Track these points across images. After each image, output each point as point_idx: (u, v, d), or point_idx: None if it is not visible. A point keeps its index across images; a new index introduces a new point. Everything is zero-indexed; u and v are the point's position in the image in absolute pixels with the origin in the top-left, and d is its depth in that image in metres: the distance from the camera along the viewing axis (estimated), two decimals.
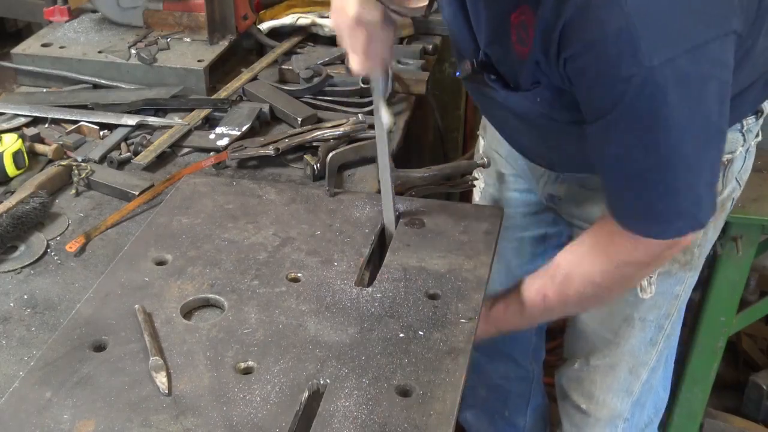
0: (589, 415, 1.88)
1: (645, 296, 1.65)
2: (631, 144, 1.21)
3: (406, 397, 1.14)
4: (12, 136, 1.74)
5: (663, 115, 1.15)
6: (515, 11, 1.22)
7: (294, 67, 2.09)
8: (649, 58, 1.10)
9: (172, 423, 1.10)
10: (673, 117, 1.15)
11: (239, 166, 1.77)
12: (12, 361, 1.27)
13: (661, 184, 1.23)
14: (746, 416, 2.67)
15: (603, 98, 1.17)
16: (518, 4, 1.22)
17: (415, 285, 1.36)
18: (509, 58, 1.30)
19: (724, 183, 1.55)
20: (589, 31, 1.12)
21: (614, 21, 1.09)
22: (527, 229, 1.87)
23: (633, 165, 1.23)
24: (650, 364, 1.79)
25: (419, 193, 1.64)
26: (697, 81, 1.14)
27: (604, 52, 1.12)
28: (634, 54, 1.10)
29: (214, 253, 1.43)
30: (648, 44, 1.09)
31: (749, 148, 1.56)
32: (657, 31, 1.10)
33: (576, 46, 1.14)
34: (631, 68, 1.11)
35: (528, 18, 1.20)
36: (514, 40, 1.25)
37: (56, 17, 2.27)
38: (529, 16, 1.19)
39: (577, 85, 1.21)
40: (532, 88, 1.28)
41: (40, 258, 1.50)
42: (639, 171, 1.23)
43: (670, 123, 1.16)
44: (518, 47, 1.25)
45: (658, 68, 1.10)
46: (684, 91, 1.14)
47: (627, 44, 1.10)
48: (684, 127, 1.17)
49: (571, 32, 1.14)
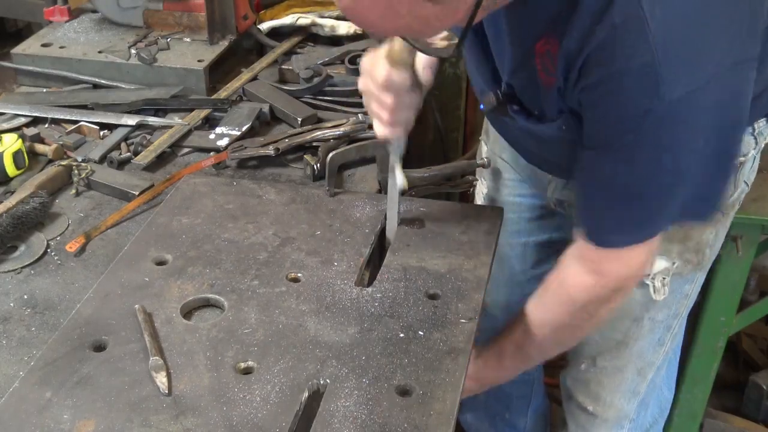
0: (595, 416, 1.88)
1: (658, 298, 1.65)
2: (633, 170, 1.21)
3: (406, 397, 1.14)
4: (12, 136, 1.74)
5: (672, 144, 1.16)
6: (540, 41, 1.22)
7: (294, 67, 2.09)
8: (669, 92, 1.10)
9: (172, 423, 1.10)
10: (681, 145, 1.16)
11: (239, 166, 1.77)
12: (12, 361, 1.27)
13: (653, 199, 1.25)
14: (746, 416, 2.67)
15: (616, 128, 1.18)
16: (543, 34, 1.21)
17: (415, 285, 1.36)
18: (533, 88, 1.29)
19: (735, 185, 1.55)
20: (613, 63, 1.12)
21: (640, 56, 1.09)
22: (532, 234, 1.87)
23: (629, 187, 1.24)
24: (656, 364, 1.79)
25: (419, 193, 1.64)
26: (707, 110, 1.15)
27: (625, 85, 1.12)
28: (656, 89, 1.10)
29: (214, 253, 1.43)
30: (670, 80, 1.09)
31: (759, 151, 1.56)
32: (679, 67, 1.10)
33: (597, 75, 1.14)
34: (651, 102, 1.11)
35: (553, 48, 1.19)
36: (539, 69, 1.24)
37: (56, 17, 2.27)
38: (554, 46, 1.19)
39: (589, 112, 1.20)
40: (557, 118, 1.28)
41: (40, 258, 1.50)
42: (633, 191, 1.24)
43: (676, 151, 1.17)
44: (543, 76, 1.25)
45: (677, 103, 1.11)
46: (694, 121, 1.14)
47: (650, 79, 1.09)
48: (689, 153, 1.18)
49: (594, 62, 1.13)
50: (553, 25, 1.17)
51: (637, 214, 1.28)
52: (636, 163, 1.21)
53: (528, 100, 1.34)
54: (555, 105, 1.27)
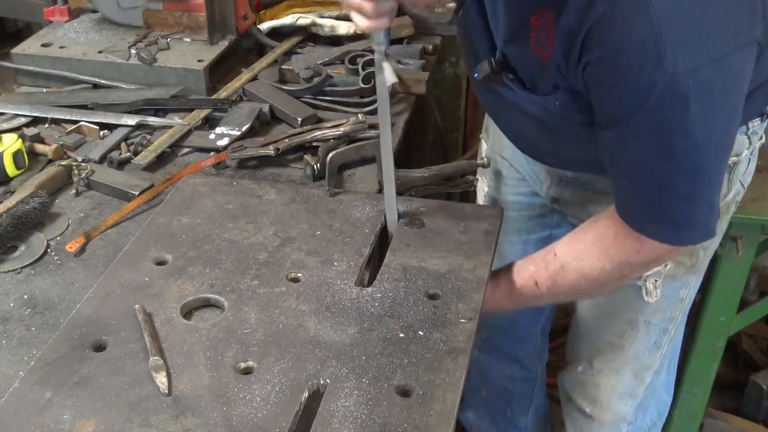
0: (593, 419, 1.88)
1: (651, 300, 1.65)
2: (649, 150, 1.20)
3: (406, 397, 1.14)
4: (12, 136, 1.74)
5: (683, 124, 1.15)
6: (535, 14, 1.22)
7: (294, 67, 2.09)
8: (673, 65, 1.09)
9: (172, 423, 1.10)
10: (693, 126, 1.15)
11: (239, 166, 1.77)
12: (12, 361, 1.27)
13: (675, 191, 1.23)
14: (746, 416, 2.67)
15: (623, 104, 1.17)
16: (538, 7, 1.21)
17: (415, 285, 1.36)
18: (527, 59, 1.29)
19: (729, 186, 1.55)
20: (614, 37, 1.11)
21: (641, 28, 1.08)
22: (532, 231, 1.87)
23: (649, 170, 1.23)
24: (654, 367, 1.79)
25: (419, 193, 1.64)
26: (719, 92, 1.14)
27: (627, 59, 1.12)
28: (659, 61, 1.09)
29: (214, 253, 1.43)
30: (673, 52, 1.09)
31: (753, 151, 1.56)
32: (682, 40, 1.09)
33: (599, 51, 1.14)
34: (654, 75, 1.10)
35: (548, 22, 1.19)
36: (533, 42, 1.24)
37: (56, 17, 2.27)
38: (549, 20, 1.19)
39: (595, 90, 1.20)
40: (552, 92, 1.27)
41: (40, 258, 1.50)
42: (655, 176, 1.23)
43: (689, 132, 1.16)
44: (537, 50, 1.24)
45: (681, 76, 1.10)
46: (706, 101, 1.13)
47: (652, 51, 1.09)
48: (703, 137, 1.17)
49: (595, 37, 1.13)
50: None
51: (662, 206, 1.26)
52: (648, 145, 1.19)
53: (522, 70, 1.33)
54: (551, 80, 1.26)
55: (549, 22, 1.18)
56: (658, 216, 1.29)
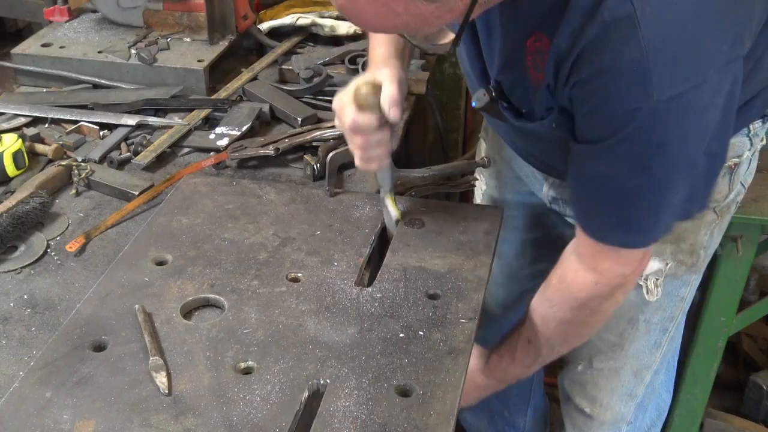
0: (592, 419, 1.88)
1: (651, 299, 1.65)
2: (624, 166, 1.21)
3: (406, 397, 1.14)
4: (12, 136, 1.73)
5: (661, 143, 1.16)
6: (531, 37, 1.22)
7: (294, 67, 2.09)
8: (658, 92, 1.10)
9: (172, 423, 1.10)
10: (670, 144, 1.17)
11: (239, 166, 1.77)
12: (12, 361, 1.27)
13: (645, 202, 1.25)
14: (746, 416, 2.67)
15: (604, 125, 1.18)
16: (535, 31, 1.21)
17: (415, 285, 1.36)
18: (522, 85, 1.30)
19: (730, 187, 1.55)
20: (604, 59, 1.12)
21: (630, 53, 1.09)
22: (529, 231, 1.87)
23: (619, 184, 1.24)
24: (654, 367, 1.79)
25: (419, 193, 1.64)
26: (698, 111, 1.15)
27: (615, 81, 1.12)
28: (645, 87, 1.10)
29: (214, 253, 1.43)
30: (659, 79, 1.09)
31: (755, 152, 1.56)
32: (670, 67, 1.10)
33: (587, 71, 1.14)
34: (639, 101, 1.11)
35: (544, 45, 1.19)
36: (529, 66, 1.25)
37: (56, 17, 2.27)
38: (545, 43, 1.19)
39: (579, 109, 1.20)
40: (547, 116, 1.28)
41: (40, 258, 1.50)
42: (624, 189, 1.24)
43: (665, 149, 1.17)
44: (533, 73, 1.25)
45: (664, 102, 1.11)
46: (684, 122, 1.15)
47: (639, 77, 1.10)
48: (677, 154, 1.19)
49: (585, 59, 1.13)
50: (545, 22, 1.17)
51: (631, 216, 1.28)
52: (624, 162, 1.21)
53: (517, 97, 1.34)
54: (544, 102, 1.27)
55: (545, 46, 1.19)
56: (621, 223, 1.30)
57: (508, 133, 1.59)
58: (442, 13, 1.06)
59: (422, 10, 1.04)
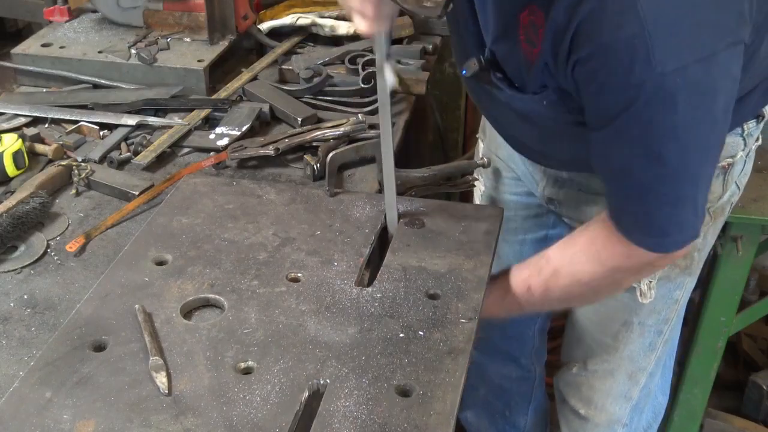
0: (587, 420, 1.88)
1: (645, 301, 1.65)
2: (638, 154, 1.19)
3: (406, 397, 1.14)
4: (12, 136, 1.74)
5: (672, 124, 1.14)
6: (524, 11, 1.21)
7: (294, 67, 2.09)
8: (662, 64, 1.08)
9: (172, 423, 1.10)
10: (682, 126, 1.14)
11: (239, 166, 1.77)
12: (12, 361, 1.27)
13: (664, 196, 1.23)
14: (746, 416, 2.67)
15: (611, 104, 1.16)
16: (527, 4, 1.20)
17: (415, 285, 1.36)
18: (516, 57, 1.29)
19: (724, 187, 1.55)
20: (603, 34, 1.11)
21: (629, 26, 1.08)
22: (528, 231, 1.87)
23: (638, 175, 1.22)
24: (649, 369, 1.79)
25: (419, 193, 1.64)
26: (707, 91, 1.13)
27: (616, 56, 1.11)
28: (647, 60, 1.08)
29: (214, 253, 1.43)
30: (661, 51, 1.08)
31: (749, 152, 1.55)
32: (671, 39, 1.09)
33: (587, 49, 1.13)
34: (642, 74, 1.10)
35: (537, 19, 1.18)
36: (522, 39, 1.23)
37: (56, 17, 2.27)
38: (538, 17, 1.18)
39: (585, 90, 1.19)
40: (540, 92, 1.27)
41: (40, 258, 1.50)
42: (643, 181, 1.22)
43: (678, 133, 1.15)
44: (526, 47, 1.23)
45: (670, 75, 1.09)
46: (694, 101, 1.13)
47: (640, 49, 1.08)
48: (691, 139, 1.16)
49: (584, 35, 1.12)
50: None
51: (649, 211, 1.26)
52: (637, 147, 1.18)
53: (511, 69, 1.32)
54: (538, 79, 1.25)
55: (539, 20, 1.18)
56: (644, 223, 1.28)
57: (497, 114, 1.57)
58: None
59: None
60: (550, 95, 1.25)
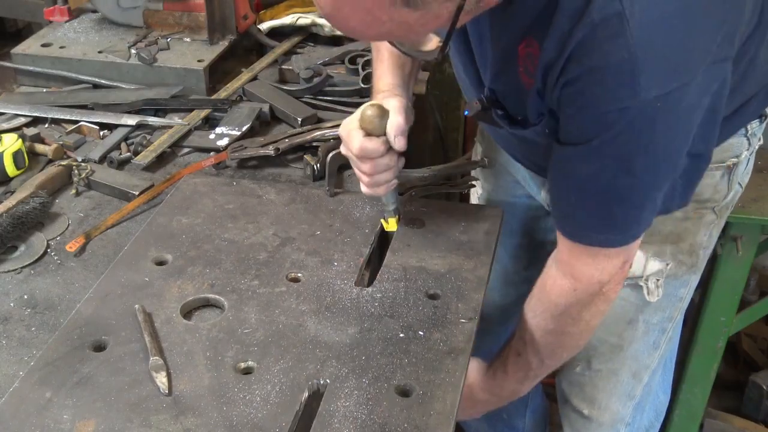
0: (591, 420, 1.87)
1: (652, 299, 1.65)
2: (608, 167, 1.21)
3: (406, 397, 1.14)
4: (12, 136, 1.73)
5: (646, 143, 1.17)
6: (522, 43, 1.22)
7: (294, 67, 2.09)
8: (646, 91, 1.10)
9: (172, 423, 1.10)
10: (655, 144, 1.17)
11: (239, 166, 1.77)
12: (12, 361, 1.27)
13: (627, 201, 1.25)
14: (746, 416, 2.67)
15: (591, 125, 1.18)
16: (525, 36, 1.21)
17: (415, 285, 1.36)
18: (516, 92, 1.29)
19: (729, 187, 1.55)
20: (593, 59, 1.11)
21: (618, 52, 1.09)
22: (525, 235, 1.87)
23: (604, 185, 1.24)
24: (652, 367, 1.79)
25: (419, 193, 1.64)
26: (683, 111, 1.15)
27: (603, 80, 1.12)
28: (633, 86, 1.10)
29: (214, 253, 1.43)
30: (647, 78, 1.09)
31: (753, 152, 1.56)
32: (657, 66, 1.10)
33: (576, 72, 1.14)
34: (626, 99, 1.11)
35: (534, 50, 1.19)
36: (521, 71, 1.25)
37: (56, 17, 2.27)
38: (535, 48, 1.19)
39: (567, 109, 1.20)
40: (539, 121, 1.28)
41: (40, 258, 1.50)
42: (609, 189, 1.24)
43: (649, 149, 1.18)
44: (525, 78, 1.25)
45: (651, 102, 1.11)
46: (671, 122, 1.15)
47: (627, 75, 1.09)
48: (662, 153, 1.19)
49: (575, 60, 1.13)
50: (535, 27, 1.17)
51: (613, 214, 1.28)
52: (609, 163, 1.21)
53: (511, 105, 1.33)
54: (535, 108, 1.26)
55: (535, 51, 1.19)
56: (602, 222, 1.30)
57: (504, 138, 1.59)
58: (427, 21, 1.05)
59: (407, 18, 1.03)
60: (548, 122, 1.27)
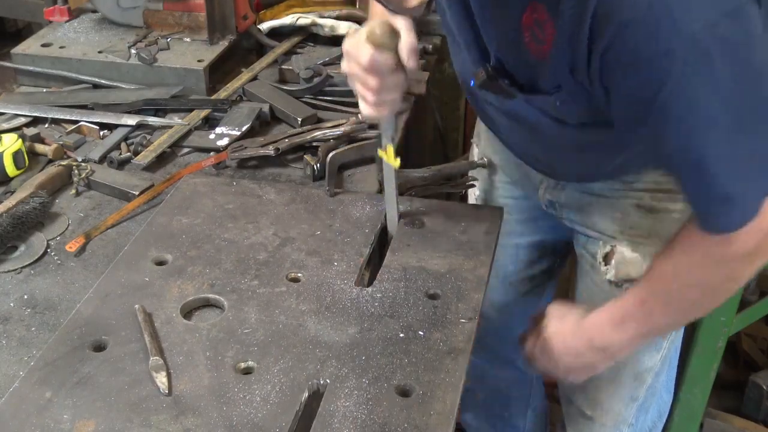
0: (594, 421, 1.87)
1: None
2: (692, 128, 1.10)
3: (406, 397, 1.14)
4: (12, 136, 1.73)
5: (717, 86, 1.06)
6: (526, 11, 1.18)
7: (294, 67, 2.09)
8: (687, 23, 1.02)
9: (172, 423, 1.10)
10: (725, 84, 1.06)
11: (239, 166, 1.77)
12: (12, 361, 1.27)
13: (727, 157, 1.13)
14: (746, 416, 2.66)
15: (645, 84, 1.08)
16: (528, 4, 1.17)
17: (415, 285, 1.36)
18: (523, 61, 1.25)
19: None
20: (620, 13, 1.05)
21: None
22: (523, 235, 1.86)
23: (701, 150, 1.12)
24: (655, 368, 1.78)
25: (419, 193, 1.64)
26: (744, 47, 1.05)
27: (639, 30, 1.04)
28: (672, 23, 1.02)
29: (214, 253, 1.43)
30: (682, 10, 1.02)
31: None
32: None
33: (608, 34, 1.06)
34: (671, 39, 1.03)
35: (542, 15, 1.14)
36: (527, 41, 1.20)
37: (56, 17, 2.27)
38: (542, 14, 1.14)
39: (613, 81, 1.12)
40: (553, 92, 1.22)
41: (40, 258, 1.50)
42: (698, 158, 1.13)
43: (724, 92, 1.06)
44: (534, 47, 1.19)
45: (699, 35, 1.02)
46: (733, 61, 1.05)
47: (662, 14, 1.02)
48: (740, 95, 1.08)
49: (601, 21, 1.06)
50: None
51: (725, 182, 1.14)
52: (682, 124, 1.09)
53: (519, 73, 1.29)
54: (552, 79, 1.20)
55: (542, 15, 1.13)
56: (722, 197, 1.16)
57: (500, 125, 1.55)
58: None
59: None
60: (563, 95, 1.21)
